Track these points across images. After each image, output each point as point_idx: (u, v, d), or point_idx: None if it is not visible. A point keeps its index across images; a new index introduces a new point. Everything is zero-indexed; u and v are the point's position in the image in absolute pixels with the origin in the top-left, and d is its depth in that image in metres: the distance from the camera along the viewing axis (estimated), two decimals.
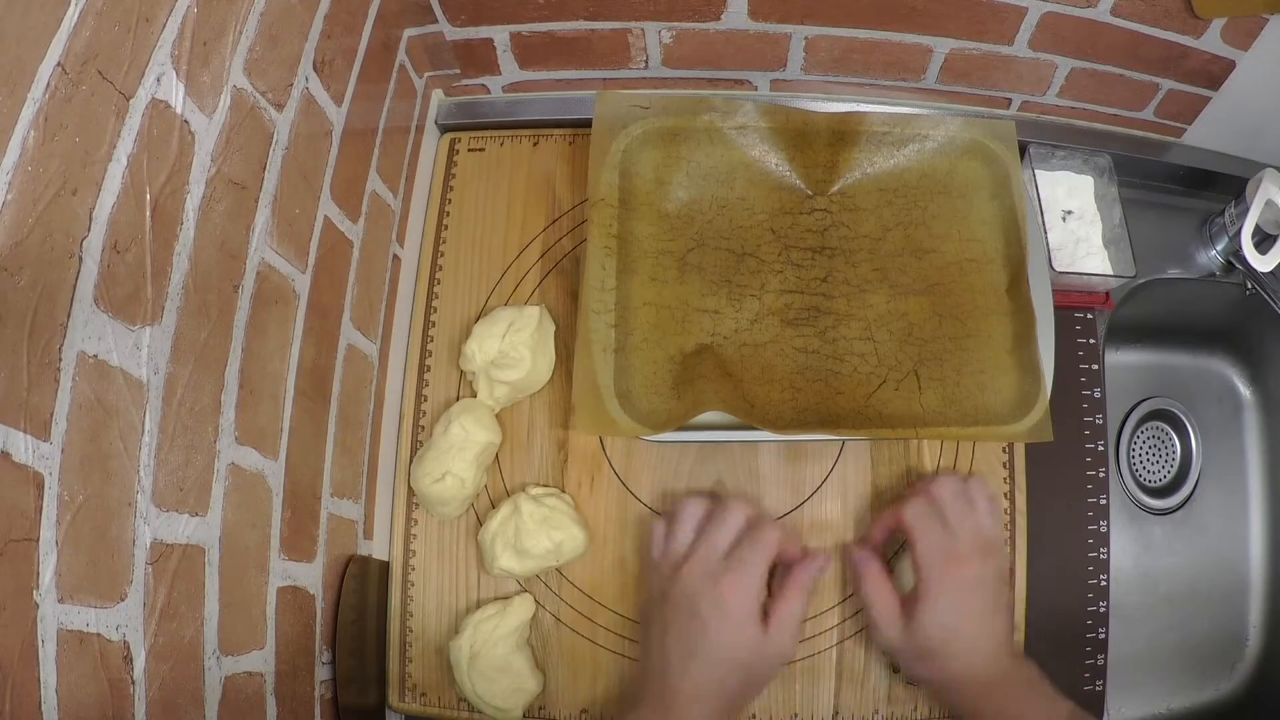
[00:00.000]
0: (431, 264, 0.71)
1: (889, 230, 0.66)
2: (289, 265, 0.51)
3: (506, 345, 0.64)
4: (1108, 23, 0.65)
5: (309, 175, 0.53)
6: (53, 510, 0.33)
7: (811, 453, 0.66)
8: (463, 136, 0.76)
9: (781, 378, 0.62)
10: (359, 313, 0.62)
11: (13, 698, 0.31)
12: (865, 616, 0.59)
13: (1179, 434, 0.88)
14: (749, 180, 0.67)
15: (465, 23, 0.68)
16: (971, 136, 0.67)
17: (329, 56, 0.54)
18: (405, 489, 0.66)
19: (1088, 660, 0.67)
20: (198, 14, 0.40)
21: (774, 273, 0.65)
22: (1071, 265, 0.70)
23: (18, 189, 0.31)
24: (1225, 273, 0.77)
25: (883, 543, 0.62)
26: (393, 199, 0.68)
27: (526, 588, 0.64)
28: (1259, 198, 0.69)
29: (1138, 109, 0.74)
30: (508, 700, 0.60)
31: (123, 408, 0.37)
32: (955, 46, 0.69)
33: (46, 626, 0.33)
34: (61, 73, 0.33)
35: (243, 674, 0.47)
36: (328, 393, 0.58)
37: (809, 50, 0.70)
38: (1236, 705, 0.81)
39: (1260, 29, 0.64)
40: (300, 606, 0.54)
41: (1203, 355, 0.90)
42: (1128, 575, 0.84)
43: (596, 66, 0.73)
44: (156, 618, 0.40)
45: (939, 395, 0.61)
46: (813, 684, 0.63)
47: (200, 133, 0.41)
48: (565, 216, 0.72)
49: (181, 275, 0.41)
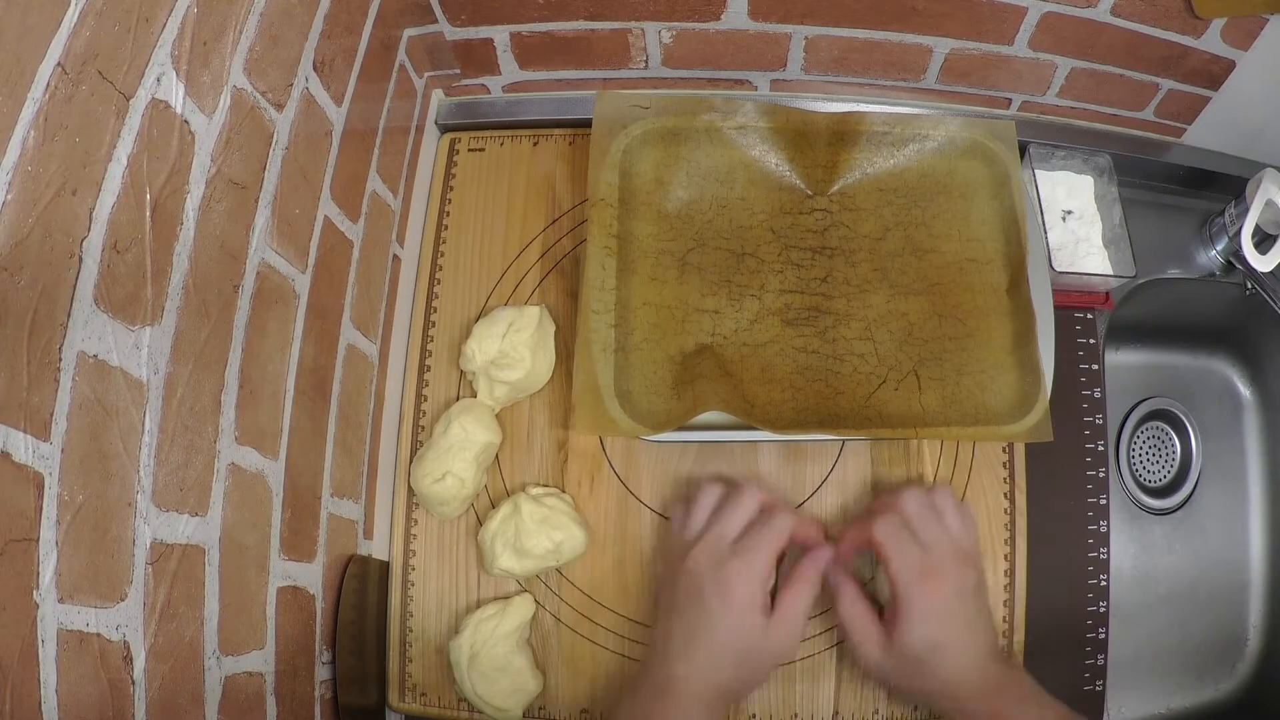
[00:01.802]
0: (431, 264, 0.71)
1: (889, 230, 0.66)
2: (289, 265, 0.51)
3: (506, 345, 0.64)
4: (1108, 23, 0.65)
5: (309, 175, 0.53)
6: (53, 510, 0.33)
7: (811, 453, 0.66)
8: (463, 136, 0.76)
9: (781, 378, 0.62)
10: (359, 313, 0.62)
11: (13, 698, 0.31)
12: (845, 638, 0.58)
13: (1179, 434, 0.88)
14: (749, 180, 0.67)
15: (465, 23, 0.69)
16: (971, 136, 0.67)
17: (329, 56, 0.54)
18: (405, 489, 0.66)
19: (1088, 660, 0.67)
20: (198, 14, 0.40)
21: (774, 273, 0.65)
22: (1071, 265, 0.70)
23: (18, 189, 0.31)
24: (1225, 273, 0.77)
25: (851, 558, 0.61)
26: (393, 199, 0.68)
27: (526, 588, 0.64)
28: (1259, 198, 0.69)
29: (1138, 109, 0.74)
30: (508, 700, 0.60)
31: (123, 408, 0.37)
32: (955, 46, 0.69)
33: (46, 626, 0.33)
34: (61, 73, 0.33)
35: (243, 674, 0.47)
36: (328, 393, 0.58)
37: (809, 50, 0.70)
38: (1236, 705, 0.81)
39: (1260, 29, 0.64)
40: (300, 606, 0.54)
41: (1203, 355, 0.90)
42: (1128, 575, 0.84)
43: (596, 66, 0.73)
44: (156, 618, 0.40)
45: (939, 395, 0.61)
46: (813, 684, 0.63)
47: (200, 133, 0.41)
48: (565, 216, 0.72)
49: (181, 275, 0.41)
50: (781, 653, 0.56)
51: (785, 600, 0.56)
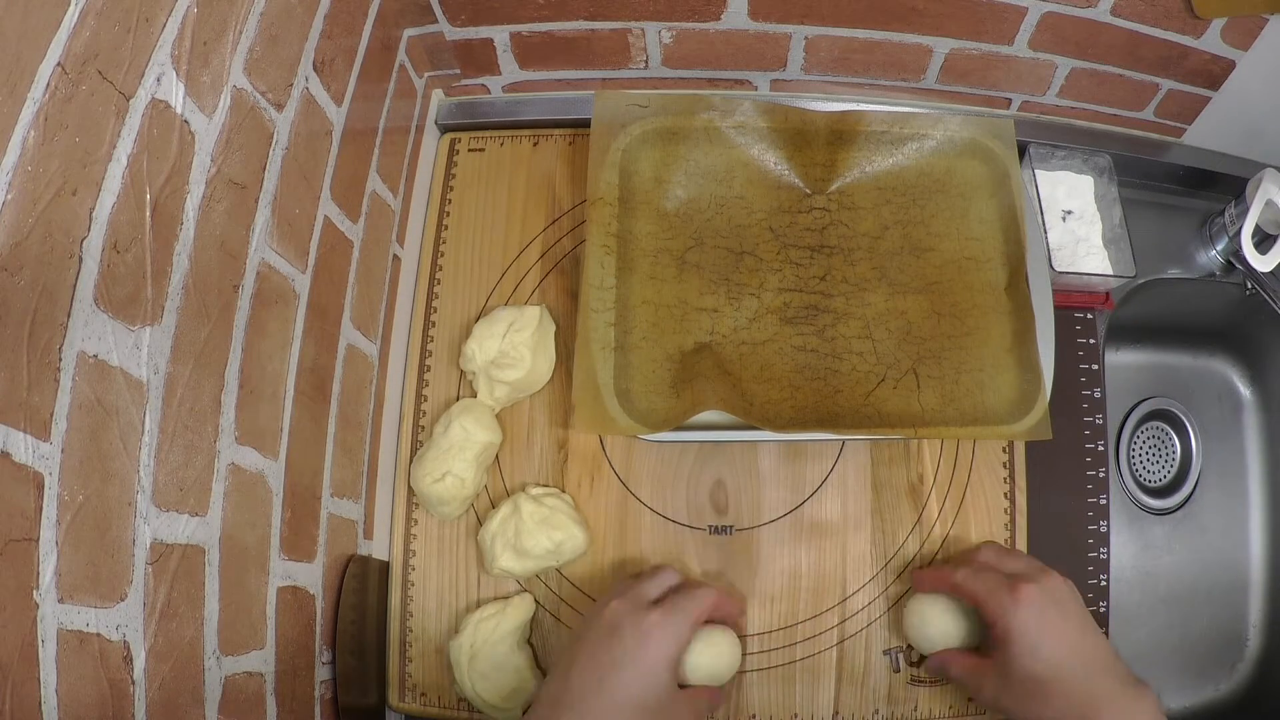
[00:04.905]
0: (431, 264, 0.71)
1: (888, 229, 0.66)
2: (289, 265, 0.51)
3: (506, 345, 0.64)
4: (1108, 23, 0.65)
5: (309, 175, 0.53)
6: (53, 510, 0.33)
7: (811, 452, 0.66)
8: (463, 136, 0.76)
9: (780, 376, 0.62)
10: (359, 313, 0.62)
11: (13, 698, 0.31)
12: (965, 691, 0.58)
13: (1179, 434, 0.87)
14: (748, 179, 0.67)
15: (465, 23, 0.69)
16: (970, 135, 0.67)
17: (329, 56, 0.54)
18: (405, 489, 0.66)
19: None
20: (198, 14, 0.40)
21: (773, 271, 0.65)
22: (1071, 265, 0.70)
23: (18, 189, 0.31)
24: (1225, 273, 0.77)
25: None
26: (393, 199, 0.68)
27: (526, 588, 0.64)
28: (1259, 198, 0.69)
29: (1138, 109, 0.74)
30: (508, 700, 0.60)
31: (123, 408, 0.37)
32: (955, 46, 0.69)
33: (46, 626, 0.33)
34: (61, 73, 0.33)
35: (243, 674, 0.47)
36: (328, 393, 0.58)
37: (809, 50, 0.70)
38: (1236, 705, 0.81)
39: (1260, 29, 0.64)
40: (300, 606, 0.54)
41: (1203, 355, 0.90)
42: (1128, 575, 0.84)
43: (596, 66, 0.73)
44: (156, 618, 0.40)
45: (938, 394, 0.61)
46: (813, 684, 0.63)
47: (200, 133, 0.41)
48: (565, 216, 0.72)
49: (181, 275, 0.41)
50: (689, 714, 0.53)
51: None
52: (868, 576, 0.64)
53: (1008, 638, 0.52)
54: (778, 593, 0.64)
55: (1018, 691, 0.51)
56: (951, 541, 0.65)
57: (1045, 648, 0.51)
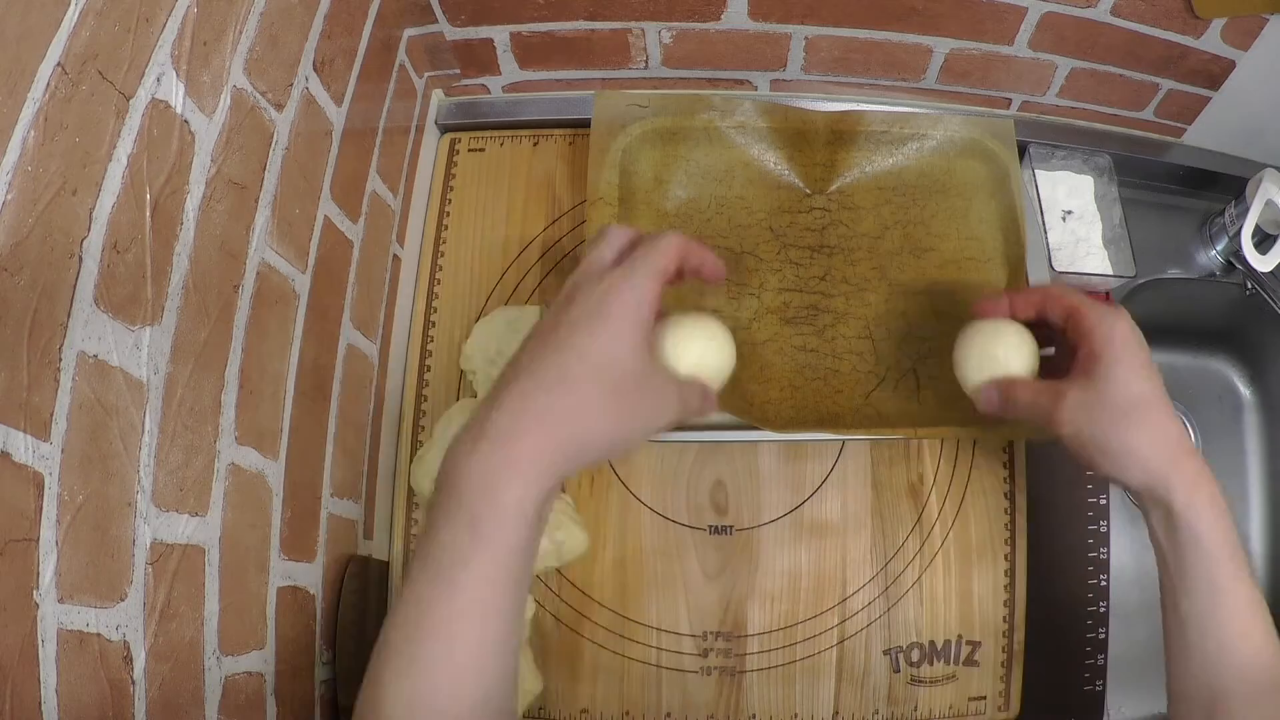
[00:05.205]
0: (431, 264, 0.71)
1: (888, 229, 0.66)
2: (289, 265, 0.51)
3: (506, 345, 0.64)
4: (1107, 23, 0.65)
5: (309, 175, 0.53)
6: (53, 510, 0.33)
7: (811, 452, 0.66)
8: (463, 136, 0.76)
9: (780, 376, 0.62)
10: (359, 313, 0.62)
11: (13, 698, 0.31)
12: (1031, 417, 0.49)
13: None
14: (747, 179, 0.67)
15: (465, 23, 0.69)
16: (970, 135, 0.67)
17: (329, 56, 0.54)
18: (405, 489, 0.66)
19: (1088, 660, 0.66)
20: (198, 14, 0.40)
21: (772, 271, 0.65)
22: (1071, 265, 0.70)
23: (18, 189, 0.31)
24: (1225, 273, 0.77)
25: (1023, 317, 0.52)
26: (393, 199, 0.68)
27: None
28: (1259, 198, 0.69)
29: (1138, 109, 0.74)
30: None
31: (123, 408, 0.37)
32: (955, 46, 0.69)
33: (46, 626, 0.33)
34: (61, 73, 0.33)
35: (243, 674, 0.47)
36: (328, 393, 0.58)
37: (809, 50, 0.70)
38: None
39: (1260, 29, 0.64)
40: (300, 606, 0.54)
41: (1203, 355, 0.90)
42: (1128, 575, 0.84)
43: (596, 66, 0.73)
44: (156, 618, 0.40)
45: (938, 393, 0.61)
46: (813, 684, 0.63)
47: (200, 133, 0.41)
48: (565, 216, 0.72)
49: (181, 275, 0.41)
50: (672, 398, 0.44)
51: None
52: (868, 576, 0.64)
53: (1108, 350, 0.46)
54: (778, 593, 0.64)
55: (1111, 413, 0.45)
56: (951, 541, 0.65)
57: (1149, 366, 0.46)
